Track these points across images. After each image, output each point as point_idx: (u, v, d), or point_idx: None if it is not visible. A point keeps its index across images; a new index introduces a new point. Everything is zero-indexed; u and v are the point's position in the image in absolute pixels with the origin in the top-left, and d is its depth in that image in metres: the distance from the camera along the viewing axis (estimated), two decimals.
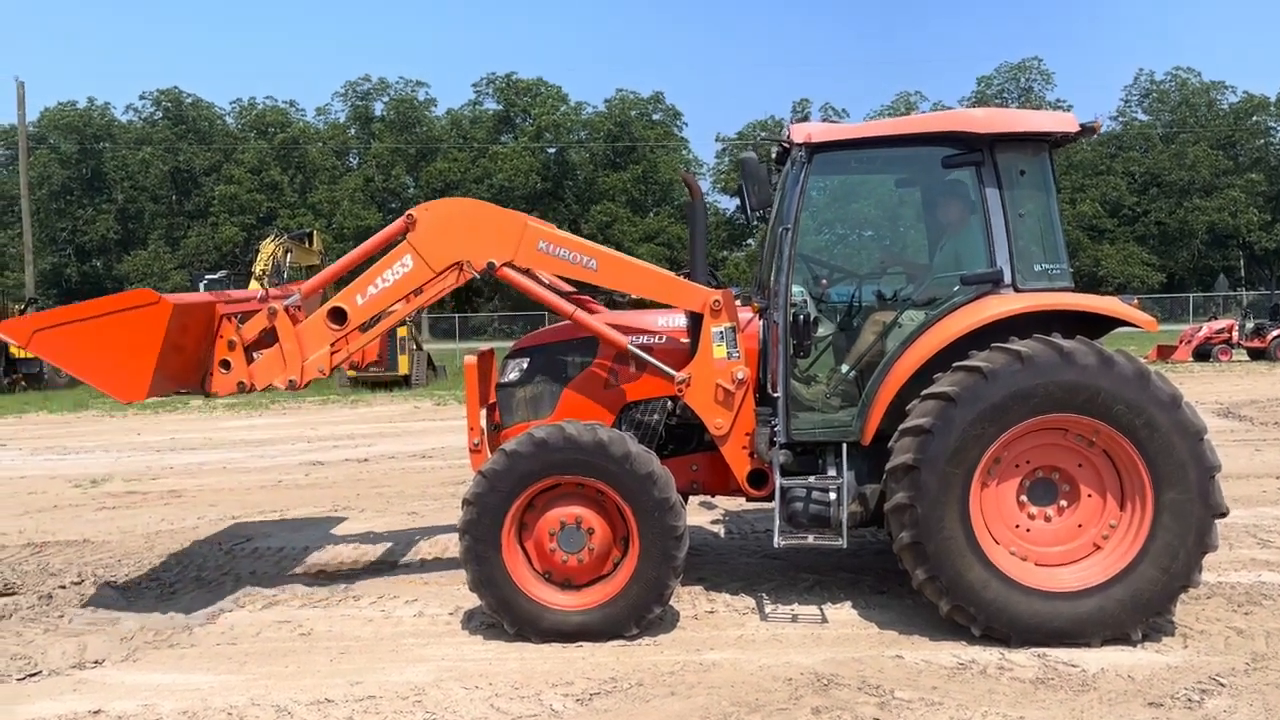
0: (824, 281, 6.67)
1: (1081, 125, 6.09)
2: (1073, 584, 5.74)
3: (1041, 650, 5.63)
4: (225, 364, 6.61)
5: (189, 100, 70.91)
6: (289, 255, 28.45)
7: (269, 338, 6.65)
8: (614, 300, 7.07)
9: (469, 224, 6.52)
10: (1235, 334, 28.30)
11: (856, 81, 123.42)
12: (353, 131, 71.11)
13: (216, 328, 6.60)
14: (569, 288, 7.12)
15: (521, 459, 5.92)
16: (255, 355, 6.69)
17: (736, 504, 8.89)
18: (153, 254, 65.95)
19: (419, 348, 27.25)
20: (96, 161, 68.33)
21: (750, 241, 63.97)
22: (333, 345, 6.58)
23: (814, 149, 6.20)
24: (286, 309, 6.58)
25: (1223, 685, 5.16)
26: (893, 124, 6.50)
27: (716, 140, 75.20)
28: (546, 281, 6.94)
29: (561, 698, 5.21)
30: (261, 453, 14.92)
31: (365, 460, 13.79)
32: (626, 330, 6.60)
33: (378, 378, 25.26)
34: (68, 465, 14.12)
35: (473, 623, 6.41)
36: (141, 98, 72.53)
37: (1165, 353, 28.36)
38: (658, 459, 6.03)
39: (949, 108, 71.21)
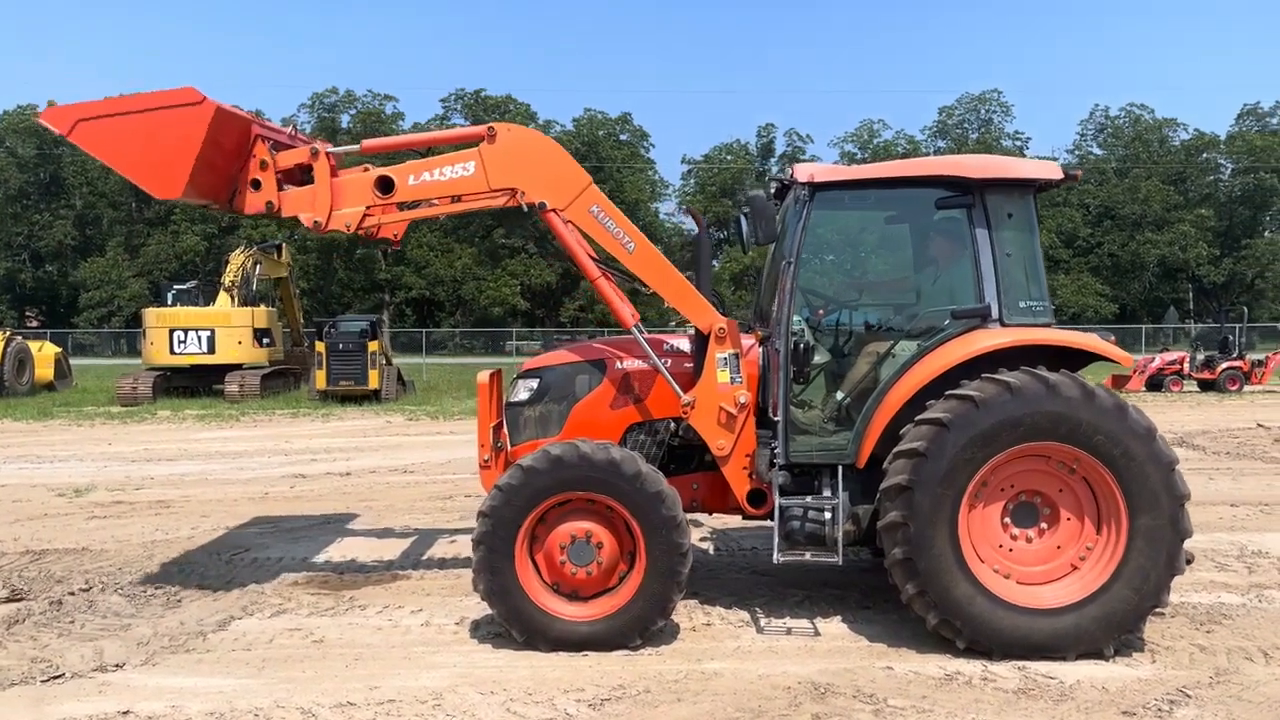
0: (820, 311, 7.05)
1: (1065, 173, 6.54)
2: (1051, 602, 6.12)
3: (1021, 663, 6.00)
4: (256, 183, 6.77)
5: None
6: (258, 267, 28.53)
7: (300, 177, 6.86)
8: (635, 290, 7.21)
9: (541, 160, 6.75)
10: (1186, 366, 29.16)
11: (821, 108, 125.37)
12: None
13: (250, 146, 6.77)
14: (595, 256, 7.32)
15: (537, 474, 6.20)
16: (284, 187, 6.89)
17: (722, 522, 9.22)
18: (111, 261, 65.31)
19: (389, 362, 27.34)
20: (55, 166, 67.57)
21: (715, 263, 64.57)
22: (367, 208, 6.80)
23: (816, 188, 6.57)
24: (328, 154, 6.81)
25: (1189, 697, 5.55)
26: (890, 166, 6.90)
27: (682, 162, 75.92)
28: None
29: (574, 703, 5.49)
30: (240, 465, 15.03)
31: (347, 474, 13.95)
32: (636, 353, 6.92)
33: (348, 391, 25.36)
34: (45, 474, 14.14)
35: (479, 632, 6.67)
36: None
37: (1119, 382, 28.43)
38: (664, 478, 6.34)
39: (911, 136, 72.76)
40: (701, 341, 6.72)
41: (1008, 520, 6.30)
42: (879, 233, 7.56)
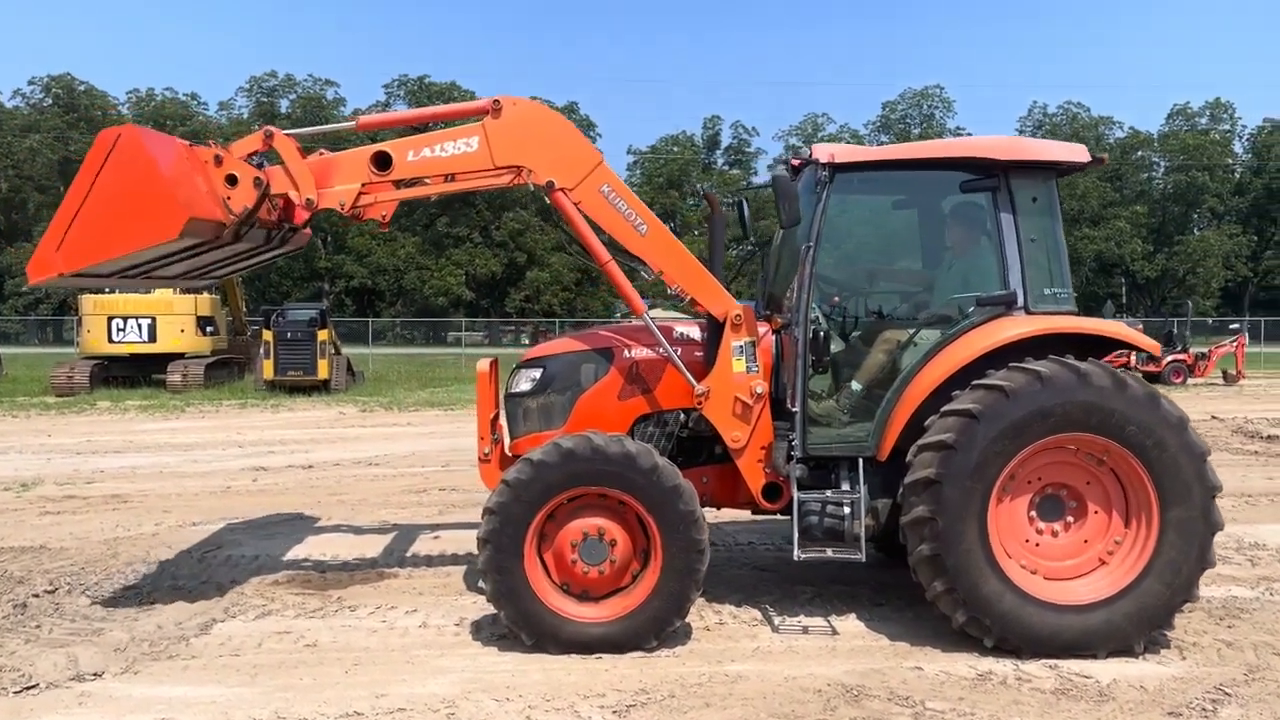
0: (836, 299, 6.80)
1: (1092, 156, 6.34)
2: (1081, 597, 5.94)
3: (1053, 662, 5.82)
4: (231, 179, 6.27)
5: (82, 88, 68.20)
6: None
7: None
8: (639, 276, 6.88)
9: (551, 136, 6.39)
10: (1133, 358, 29.55)
11: (765, 101, 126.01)
12: (256, 128, 69.30)
13: (191, 157, 6.23)
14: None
15: (548, 468, 5.86)
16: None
17: (715, 516, 8.83)
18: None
19: (338, 352, 26.65)
20: None
21: None
22: (363, 186, 6.42)
23: (836, 169, 6.30)
24: (287, 134, 6.43)
25: (1229, 695, 5.41)
26: (913, 148, 6.66)
27: (628, 153, 75.56)
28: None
29: (597, 709, 5.18)
30: (194, 457, 14.42)
31: (310, 467, 13.43)
32: (645, 341, 6.61)
33: (297, 382, 24.66)
34: None
35: (483, 634, 6.32)
36: (30, 83, 69.63)
37: None
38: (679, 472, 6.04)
39: (855, 130, 73.09)
40: (716, 329, 6.43)
41: (1034, 514, 6.11)
42: (899, 216, 7.31)
